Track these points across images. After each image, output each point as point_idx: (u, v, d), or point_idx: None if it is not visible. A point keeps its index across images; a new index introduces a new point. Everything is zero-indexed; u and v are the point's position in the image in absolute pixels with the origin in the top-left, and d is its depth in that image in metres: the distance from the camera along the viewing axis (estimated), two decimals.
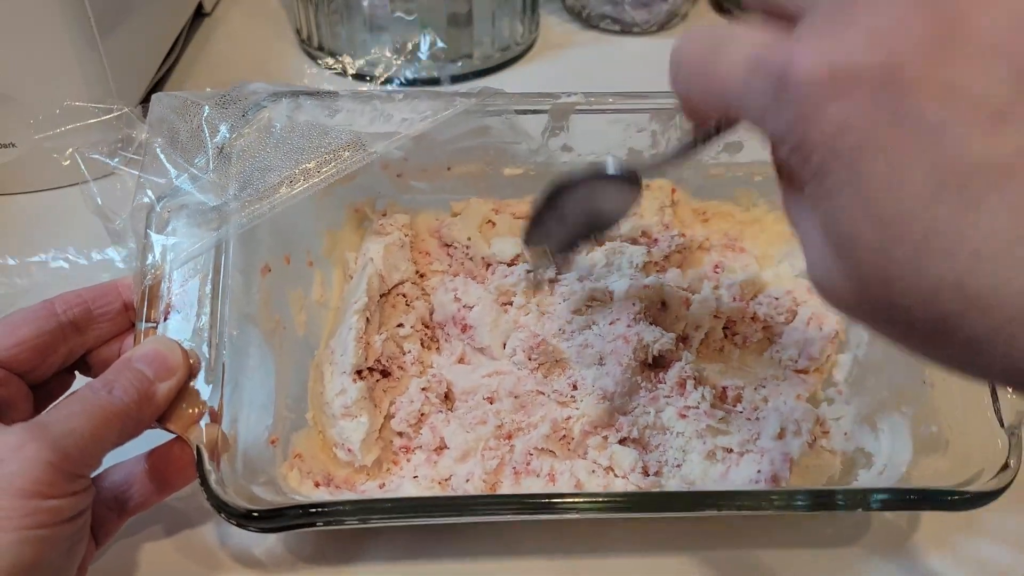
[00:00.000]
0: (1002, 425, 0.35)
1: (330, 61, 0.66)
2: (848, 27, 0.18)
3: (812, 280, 0.22)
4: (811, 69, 0.19)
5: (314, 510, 0.33)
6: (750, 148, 0.46)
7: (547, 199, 0.38)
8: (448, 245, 0.48)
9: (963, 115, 0.17)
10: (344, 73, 0.66)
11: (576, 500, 0.34)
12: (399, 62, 0.64)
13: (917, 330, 0.19)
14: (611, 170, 0.35)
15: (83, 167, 0.41)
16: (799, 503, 0.34)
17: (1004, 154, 0.17)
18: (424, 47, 0.63)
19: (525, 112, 0.44)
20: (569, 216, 0.38)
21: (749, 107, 0.21)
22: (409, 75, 0.65)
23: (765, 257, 0.49)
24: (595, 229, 0.39)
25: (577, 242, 0.40)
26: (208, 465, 0.33)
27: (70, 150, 0.42)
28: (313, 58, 0.68)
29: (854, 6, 0.19)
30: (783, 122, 0.20)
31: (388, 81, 0.65)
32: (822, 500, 0.34)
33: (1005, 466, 0.34)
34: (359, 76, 0.66)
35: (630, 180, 0.35)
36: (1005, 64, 0.17)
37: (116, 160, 0.41)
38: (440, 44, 0.63)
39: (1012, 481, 0.34)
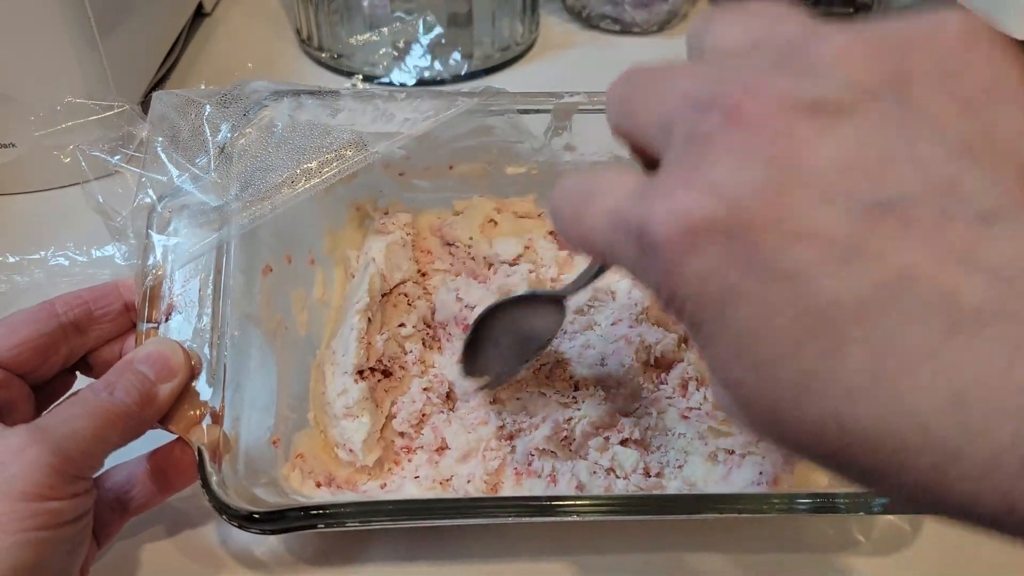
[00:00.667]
0: None
1: (329, 60, 0.66)
2: (695, 177, 0.19)
3: (723, 411, 0.23)
4: (666, 226, 0.19)
5: (316, 512, 0.33)
6: None
7: (475, 328, 0.40)
8: (450, 244, 0.48)
9: (811, 257, 0.17)
10: (343, 72, 0.66)
11: (577, 503, 0.34)
12: (398, 61, 0.64)
13: (819, 459, 0.19)
14: (537, 294, 0.38)
15: (84, 164, 0.41)
16: (801, 506, 0.34)
17: (857, 290, 0.17)
18: (423, 34, 0.63)
19: (528, 111, 0.44)
20: (502, 340, 0.40)
21: (619, 259, 0.21)
22: (408, 74, 0.64)
23: None
24: (529, 349, 0.40)
25: (515, 364, 0.41)
26: (210, 467, 0.33)
27: (71, 147, 0.42)
28: (313, 58, 0.68)
29: (701, 154, 0.19)
30: (651, 277, 0.20)
31: (386, 81, 0.65)
32: (824, 503, 0.34)
33: None
34: (359, 76, 0.65)
35: (553, 301, 0.38)
36: (843, 201, 0.17)
37: (117, 158, 0.41)
38: (440, 31, 0.63)
39: None
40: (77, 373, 0.38)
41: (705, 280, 0.19)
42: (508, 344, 0.40)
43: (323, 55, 0.66)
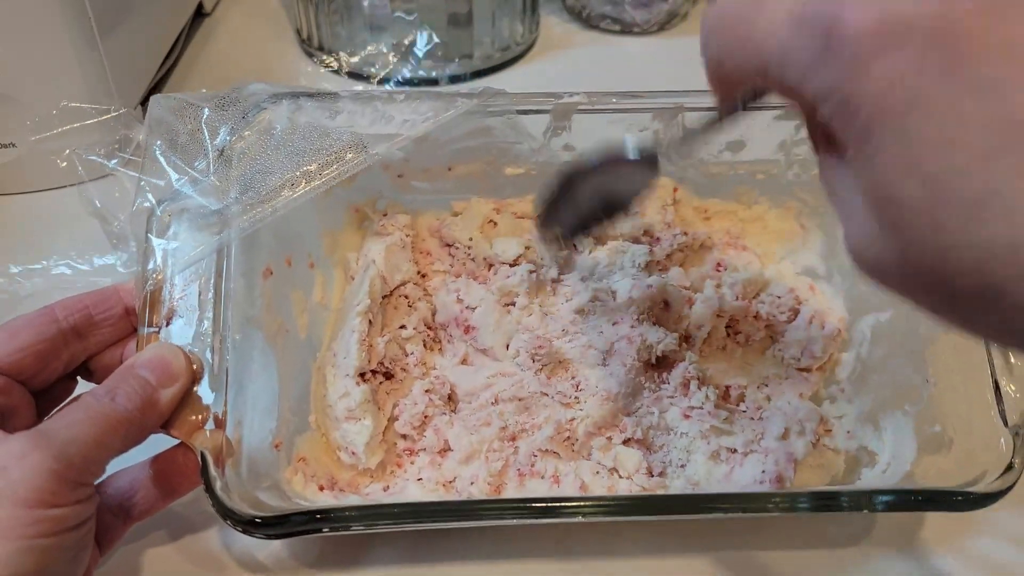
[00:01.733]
0: (1006, 425, 0.35)
1: (329, 60, 0.66)
2: None
3: (851, 252, 0.21)
4: (862, 21, 0.18)
5: (319, 516, 0.33)
6: (752, 146, 0.46)
7: (562, 183, 0.37)
8: (449, 245, 0.48)
9: (1017, 72, 0.17)
10: (342, 72, 0.65)
11: (580, 504, 0.34)
12: (396, 60, 0.64)
13: (960, 298, 0.18)
14: (630, 154, 0.35)
15: (80, 168, 0.41)
16: (803, 505, 0.34)
17: None
18: (421, 43, 0.63)
19: (527, 112, 0.44)
20: (583, 199, 0.38)
21: (790, 65, 0.20)
22: (407, 73, 0.64)
23: (767, 255, 0.49)
24: (609, 211, 0.39)
25: (590, 225, 0.40)
26: (213, 471, 0.33)
27: (67, 151, 0.42)
28: (313, 58, 0.68)
29: None
30: (828, 78, 0.19)
31: (385, 80, 0.64)
32: (826, 502, 0.34)
33: (1009, 467, 0.34)
34: (358, 76, 0.65)
35: (648, 161, 0.35)
36: None
37: (114, 162, 0.41)
38: (436, 39, 0.63)
39: (1016, 482, 0.34)
40: (78, 378, 0.38)
41: (893, 83, 0.18)
42: (588, 203, 0.38)
43: (323, 55, 0.66)
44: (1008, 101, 0.17)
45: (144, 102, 0.42)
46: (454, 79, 0.66)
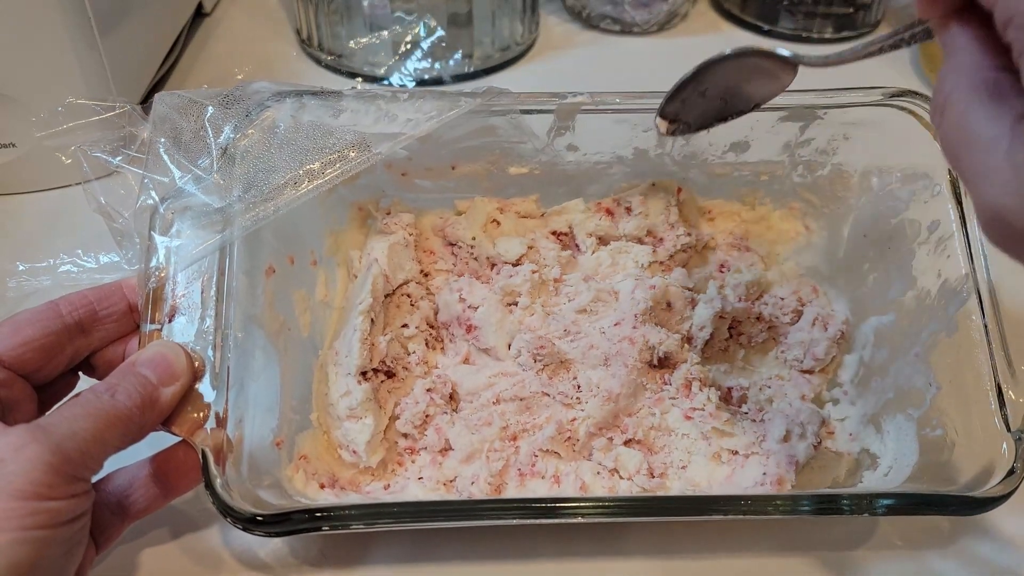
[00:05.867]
0: (1008, 430, 0.35)
1: (329, 60, 0.66)
2: None
3: (992, 215, 0.20)
4: None
5: (320, 514, 0.33)
6: (756, 147, 0.46)
7: (696, 72, 0.37)
8: (453, 244, 0.48)
9: None
10: (343, 73, 0.65)
11: (580, 504, 0.34)
12: (397, 60, 0.64)
13: None
14: (781, 51, 0.35)
15: (85, 165, 0.41)
16: (804, 507, 0.34)
17: None
18: (423, 34, 0.63)
19: (531, 112, 0.44)
20: (712, 91, 0.38)
21: None
22: (407, 74, 0.64)
23: (771, 256, 0.49)
24: (734, 109, 0.39)
25: (712, 118, 0.40)
26: (213, 469, 0.33)
27: (72, 148, 0.42)
28: (313, 58, 0.68)
29: None
30: None
31: (384, 80, 0.64)
32: (827, 504, 0.34)
33: (1011, 471, 0.34)
34: (358, 75, 0.65)
35: (788, 64, 0.35)
36: None
37: (119, 159, 0.41)
38: (440, 32, 0.63)
39: (1018, 486, 0.34)
40: (80, 374, 0.38)
41: None
42: (715, 95, 0.39)
43: (324, 56, 0.66)
44: None
45: (144, 102, 0.42)
46: (455, 79, 0.65)
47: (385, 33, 0.63)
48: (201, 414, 0.34)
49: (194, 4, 0.69)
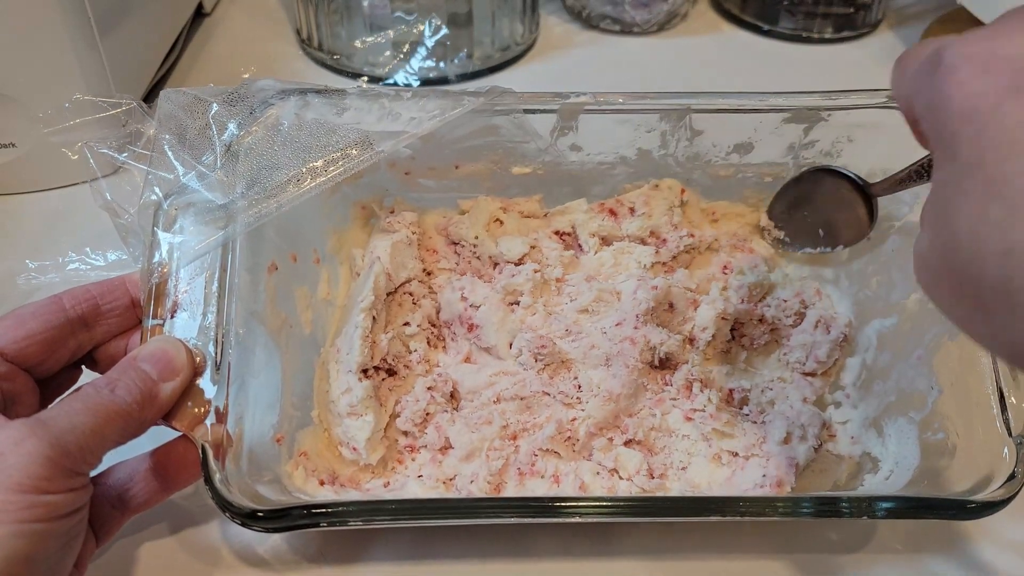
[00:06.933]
0: (1010, 434, 0.35)
1: (329, 60, 0.66)
2: (998, 37, 0.22)
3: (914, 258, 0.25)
4: (961, 48, 0.22)
5: (318, 510, 0.33)
6: (760, 149, 0.46)
7: (798, 179, 0.44)
8: (455, 243, 0.48)
9: None
10: (344, 74, 0.66)
11: (580, 504, 0.34)
12: (397, 60, 0.64)
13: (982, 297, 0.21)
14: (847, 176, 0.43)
15: (92, 161, 0.41)
16: (804, 510, 0.34)
17: None
18: (429, 33, 0.63)
19: (534, 111, 0.44)
20: (811, 218, 0.45)
21: (914, 93, 0.25)
22: (407, 74, 0.64)
23: (774, 258, 0.49)
24: (826, 243, 0.45)
25: (808, 243, 0.46)
26: (213, 464, 0.33)
27: (79, 144, 0.42)
28: (314, 59, 0.68)
29: (1004, 28, 0.22)
30: (926, 89, 0.23)
31: (384, 80, 0.65)
32: (827, 507, 0.34)
33: (1012, 476, 0.34)
34: (358, 75, 0.65)
35: (865, 197, 0.42)
36: None
37: (124, 155, 0.41)
38: (445, 31, 0.63)
39: (1019, 491, 0.34)
40: (83, 368, 0.38)
41: (978, 95, 0.22)
42: (814, 223, 0.45)
43: (324, 56, 0.66)
44: None
45: (145, 101, 0.42)
46: (454, 79, 0.65)
47: (391, 32, 0.63)
48: (201, 409, 0.34)
49: (194, 4, 0.69)
